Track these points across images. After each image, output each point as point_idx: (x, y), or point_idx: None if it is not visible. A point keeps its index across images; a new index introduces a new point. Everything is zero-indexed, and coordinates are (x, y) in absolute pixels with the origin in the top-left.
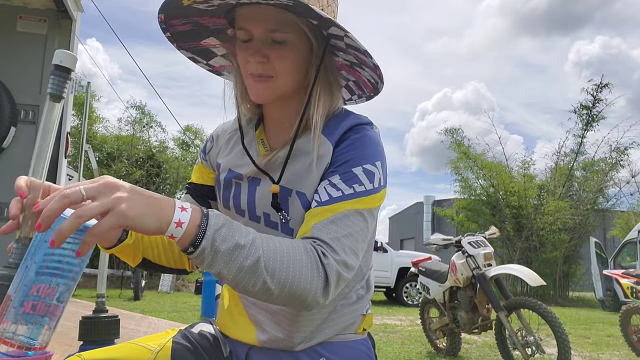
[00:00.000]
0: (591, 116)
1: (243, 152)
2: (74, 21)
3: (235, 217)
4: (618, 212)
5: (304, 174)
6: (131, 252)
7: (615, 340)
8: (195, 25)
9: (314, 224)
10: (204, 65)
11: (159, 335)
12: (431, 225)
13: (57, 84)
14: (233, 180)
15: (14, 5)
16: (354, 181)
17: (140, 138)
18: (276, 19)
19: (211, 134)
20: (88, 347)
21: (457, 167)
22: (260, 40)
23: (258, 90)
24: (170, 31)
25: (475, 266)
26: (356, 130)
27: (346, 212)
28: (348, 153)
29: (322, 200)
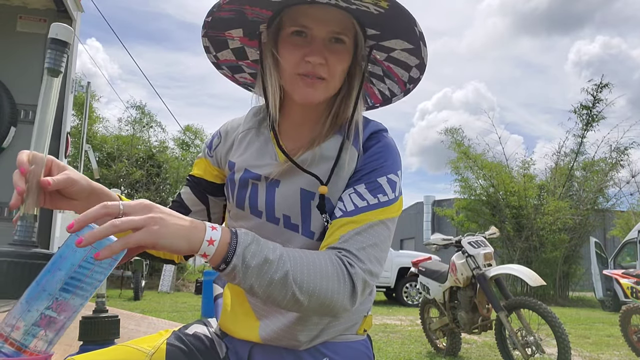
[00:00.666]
0: (591, 116)
1: (260, 152)
2: (74, 21)
3: (250, 217)
4: (618, 212)
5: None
6: None
7: (615, 340)
8: (238, 13)
9: (340, 235)
10: (212, 56)
11: (153, 337)
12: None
13: (54, 58)
14: (250, 181)
15: (14, 5)
16: (378, 191)
17: (140, 138)
18: (342, 22)
19: (218, 130)
20: (88, 347)
21: (457, 167)
22: (322, 40)
23: (309, 92)
24: (214, 15)
25: (475, 266)
26: (378, 138)
27: (371, 223)
28: (374, 162)
29: (348, 210)
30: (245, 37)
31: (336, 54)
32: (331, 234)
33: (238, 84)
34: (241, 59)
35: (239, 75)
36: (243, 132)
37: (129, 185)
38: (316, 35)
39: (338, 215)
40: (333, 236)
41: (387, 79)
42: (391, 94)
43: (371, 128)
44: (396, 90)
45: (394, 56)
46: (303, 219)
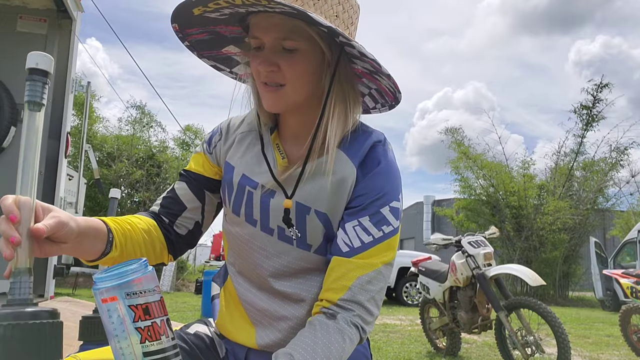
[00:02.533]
0: (591, 116)
1: (259, 159)
2: (74, 21)
3: (245, 225)
4: (618, 212)
5: (324, 193)
6: (114, 261)
7: (615, 340)
8: (212, 34)
9: (351, 285)
10: (227, 73)
11: None
12: (431, 225)
13: (34, 90)
14: (247, 188)
15: (14, 5)
16: (382, 223)
17: (141, 138)
18: (286, 27)
19: (219, 126)
20: (88, 346)
21: (457, 167)
22: (270, 48)
23: (269, 99)
24: (188, 40)
25: (475, 266)
26: (378, 156)
27: (380, 270)
28: (377, 189)
29: (355, 247)
30: (246, 51)
31: (288, 59)
32: (341, 275)
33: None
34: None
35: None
36: (243, 134)
37: (129, 185)
38: (265, 42)
39: (344, 251)
40: (343, 282)
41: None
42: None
43: (371, 139)
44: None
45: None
46: (298, 232)
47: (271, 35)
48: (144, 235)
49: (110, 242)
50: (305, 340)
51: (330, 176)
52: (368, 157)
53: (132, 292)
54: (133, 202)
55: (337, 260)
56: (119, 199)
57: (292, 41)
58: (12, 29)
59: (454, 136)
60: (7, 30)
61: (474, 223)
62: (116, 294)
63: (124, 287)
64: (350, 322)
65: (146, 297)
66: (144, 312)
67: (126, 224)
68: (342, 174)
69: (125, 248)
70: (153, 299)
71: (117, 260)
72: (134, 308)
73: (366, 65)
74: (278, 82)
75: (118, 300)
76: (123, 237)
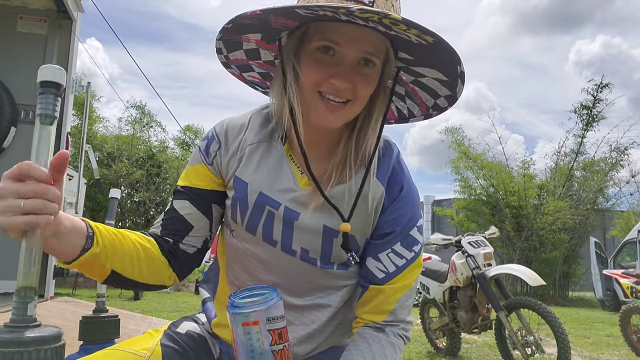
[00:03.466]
0: (591, 116)
1: (276, 172)
2: (74, 21)
3: (262, 245)
4: (618, 212)
5: (354, 217)
6: (97, 263)
7: (615, 340)
8: (260, 21)
9: (393, 309)
10: (222, 57)
11: (143, 338)
12: (431, 225)
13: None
14: (267, 207)
15: (14, 6)
16: (412, 244)
17: (141, 138)
18: (375, 43)
19: (214, 132)
20: (88, 346)
21: (457, 167)
22: (351, 61)
23: (330, 115)
24: (235, 22)
25: (475, 266)
26: (401, 177)
27: (414, 285)
28: (404, 214)
29: (390, 272)
30: (263, 41)
31: (364, 78)
32: (381, 302)
33: (245, 82)
34: (253, 58)
35: (247, 74)
36: (253, 145)
37: (129, 185)
38: (345, 54)
39: (380, 277)
40: (384, 305)
41: (408, 98)
42: (409, 114)
43: (392, 155)
44: (416, 112)
45: (422, 81)
46: (323, 254)
47: (358, 48)
48: (138, 247)
49: (91, 237)
50: (364, 351)
51: (366, 200)
52: (392, 180)
53: (272, 318)
54: (133, 202)
55: (374, 290)
56: (119, 199)
57: (376, 57)
58: (12, 29)
59: (454, 136)
60: (7, 31)
61: (474, 223)
62: (259, 318)
63: (266, 313)
64: (398, 335)
65: (281, 322)
66: (278, 336)
67: (112, 231)
68: (372, 196)
69: (108, 249)
70: (283, 325)
71: (98, 259)
72: (272, 332)
73: (398, 88)
74: (346, 97)
75: (260, 324)
76: (107, 237)
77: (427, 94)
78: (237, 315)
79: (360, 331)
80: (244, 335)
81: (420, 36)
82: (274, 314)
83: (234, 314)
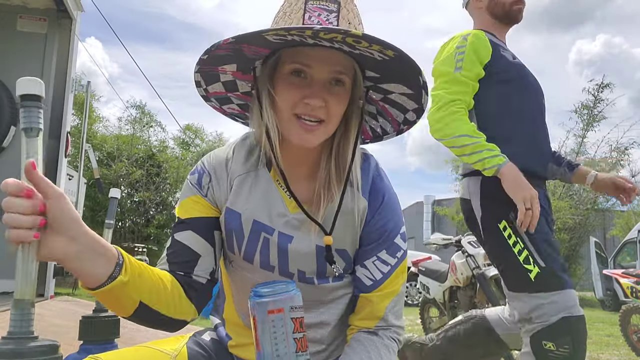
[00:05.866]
0: (592, 116)
1: (268, 201)
2: (74, 20)
3: (260, 271)
4: (618, 212)
5: (342, 232)
6: (124, 294)
7: (615, 340)
8: (235, 51)
9: (383, 315)
10: (201, 90)
11: (170, 340)
12: (431, 225)
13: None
14: (262, 234)
15: (14, 5)
16: (396, 250)
17: (140, 137)
18: (343, 63)
19: (203, 167)
20: (88, 346)
21: (457, 166)
22: (322, 82)
23: (307, 136)
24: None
25: (475, 266)
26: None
27: (401, 290)
28: (387, 223)
29: (377, 279)
30: (239, 72)
31: (336, 96)
32: (372, 309)
33: (225, 115)
34: (231, 90)
35: (226, 107)
36: (241, 176)
37: (129, 184)
38: (316, 75)
39: (368, 284)
40: (375, 312)
41: (380, 117)
42: (383, 132)
43: (371, 168)
44: (389, 129)
45: (391, 98)
46: (318, 272)
47: (328, 69)
48: (161, 279)
49: (120, 265)
50: (360, 353)
51: (350, 215)
52: (373, 191)
53: (294, 306)
54: (133, 202)
55: (364, 298)
56: (118, 199)
57: (345, 76)
58: (12, 29)
59: None
60: (7, 30)
61: None
62: (283, 306)
63: (289, 301)
64: (391, 338)
65: (301, 312)
66: (299, 325)
67: (138, 262)
68: (356, 209)
69: (136, 279)
70: (302, 315)
71: (125, 289)
72: (294, 320)
73: (369, 108)
74: (320, 117)
75: (284, 311)
76: (136, 268)
77: (397, 109)
78: (262, 304)
79: (355, 336)
80: (269, 323)
81: (382, 51)
82: (296, 302)
83: (259, 303)
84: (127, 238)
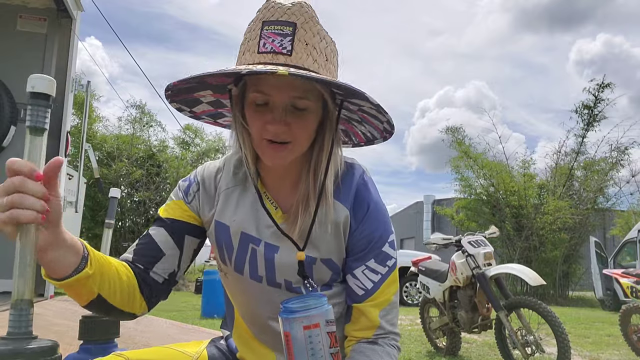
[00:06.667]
0: (592, 116)
1: (254, 213)
2: (74, 20)
3: (249, 282)
4: (618, 212)
5: (325, 242)
6: (87, 286)
7: (615, 340)
8: (197, 82)
9: (379, 325)
10: (187, 113)
11: (189, 344)
12: (431, 225)
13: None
14: (250, 245)
15: (14, 4)
16: (385, 259)
17: (140, 137)
18: (302, 87)
19: (194, 176)
20: (88, 346)
21: (457, 166)
22: (281, 106)
23: (274, 157)
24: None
25: (475, 265)
26: (366, 198)
27: (393, 300)
28: (373, 232)
29: (369, 288)
30: (217, 93)
31: (299, 119)
32: (367, 320)
33: (222, 127)
34: (220, 107)
35: (221, 120)
36: (229, 189)
37: (129, 184)
38: (276, 101)
39: (360, 294)
40: (370, 322)
41: (365, 124)
42: (372, 136)
43: (354, 178)
44: (376, 134)
45: (365, 109)
46: (313, 283)
47: (286, 95)
48: (120, 272)
49: (85, 258)
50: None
51: (330, 225)
52: (356, 201)
53: (329, 320)
54: (133, 202)
55: (357, 309)
56: (118, 199)
57: (307, 100)
58: (12, 28)
59: (455, 135)
60: (7, 30)
61: (474, 222)
62: (319, 321)
63: (324, 315)
64: (390, 345)
65: (334, 326)
66: (335, 339)
67: (100, 254)
68: (337, 220)
69: (99, 271)
70: (335, 329)
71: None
72: (330, 335)
73: (353, 116)
74: (285, 139)
75: (320, 326)
76: (99, 261)
77: (374, 119)
78: (296, 320)
79: (355, 347)
80: (306, 339)
81: (330, 83)
82: (330, 317)
83: (292, 319)
84: (127, 238)
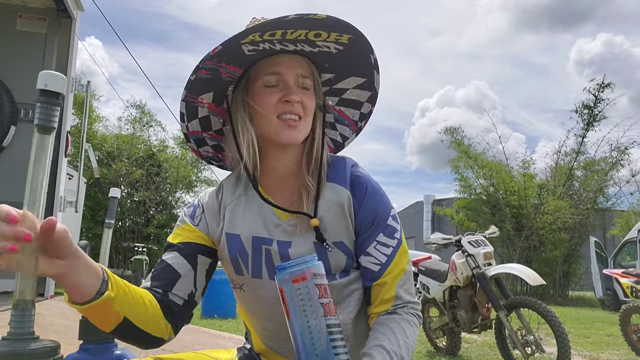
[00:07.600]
0: (592, 116)
1: (261, 214)
2: (74, 20)
3: (269, 283)
4: (618, 212)
5: (332, 224)
6: (110, 309)
7: (615, 340)
8: (214, 73)
9: (396, 295)
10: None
11: (220, 351)
12: (431, 225)
13: (45, 113)
14: (263, 247)
15: (14, 4)
16: (392, 231)
17: (140, 137)
18: (305, 67)
19: (198, 202)
20: (88, 346)
21: (457, 166)
22: (294, 82)
23: (292, 133)
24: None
25: (475, 265)
26: (362, 182)
27: (407, 268)
28: (375, 208)
29: (383, 262)
30: (213, 103)
31: (307, 93)
32: (384, 293)
33: (202, 158)
34: (206, 130)
35: (202, 149)
36: (232, 203)
37: (129, 184)
38: (288, 79)
39: (376, 270)
40: (388, 294)
41: (338, 124)
42: (343, 138)
43: (347, 163)
44: (347, 132)
45: (345, 97)
46: (332, 245)
47: (295, 72)
48: (143, 296)
49: (105, 281)
50: (385, 332)
51: (334, 206)
52: (354, 184)
53: (317, 274)
54: (133, 202)
55: (376, 285)
56: (118, 198)
57: (309, 80)
58: (12, 28)
59: (454, 136)
60: (7, 29)
61: (474, 222)
62: (306, 274)
63: (311, 269)
64: (410, 313)
65: (324, 279)
66: (324, 291)
67: (120, 279)
68: (340, 201)
69: (122, 293)
70: (326, 283)
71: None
72: (318, 287)
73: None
74: (299, 113)
75: (307, 279)
76: (121, 285)
77: (352, 108)
78: (286, 275)
79: (375, 320)
80: (295, 292)
81: (338, 41)
82: (318, 270)
83: (283, 275)
84: (127, 238)
